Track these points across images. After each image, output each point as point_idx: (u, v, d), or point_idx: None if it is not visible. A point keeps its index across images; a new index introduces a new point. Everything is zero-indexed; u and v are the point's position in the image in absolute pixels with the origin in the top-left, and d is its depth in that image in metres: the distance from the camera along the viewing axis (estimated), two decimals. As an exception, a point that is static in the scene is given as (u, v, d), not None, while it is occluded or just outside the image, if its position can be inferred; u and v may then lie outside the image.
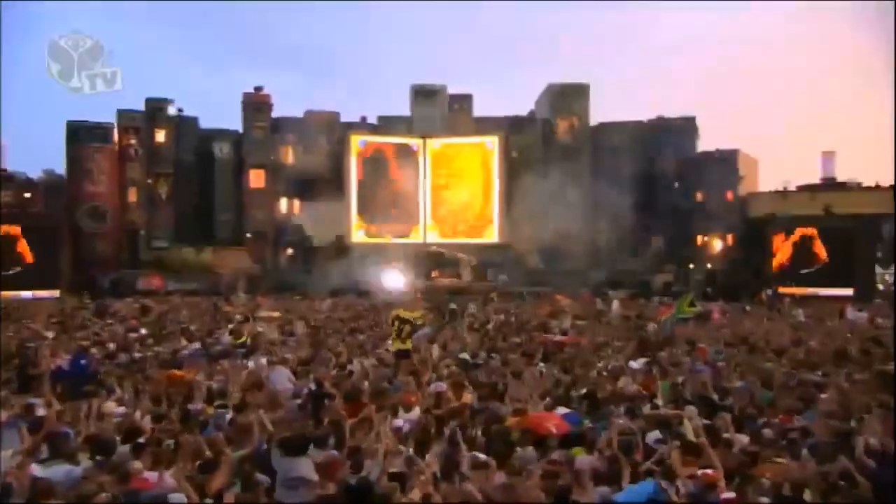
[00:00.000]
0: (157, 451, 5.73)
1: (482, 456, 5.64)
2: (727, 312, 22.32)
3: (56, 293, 37.07)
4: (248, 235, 47.16)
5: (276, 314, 20.85)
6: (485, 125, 49.02)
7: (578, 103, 48.88)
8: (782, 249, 39.93)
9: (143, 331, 16.06)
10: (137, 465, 5.27)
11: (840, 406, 8.12)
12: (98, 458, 5.38)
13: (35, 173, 50.29)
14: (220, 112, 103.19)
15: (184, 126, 48.98)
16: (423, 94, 49.76)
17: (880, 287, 41.00)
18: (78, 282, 40.56)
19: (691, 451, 5.89)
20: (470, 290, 37.14)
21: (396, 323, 10.44)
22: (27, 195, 48.20)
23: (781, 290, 36.15)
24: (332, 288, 37.28)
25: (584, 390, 8.57)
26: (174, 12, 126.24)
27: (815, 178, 45.63)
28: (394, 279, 37.70)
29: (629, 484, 5.23)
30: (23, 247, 40.43)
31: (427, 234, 48.00)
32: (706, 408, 8.02)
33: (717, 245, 45.73)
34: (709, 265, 44.71)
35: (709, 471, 5.08)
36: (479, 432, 6.80)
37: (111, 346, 13.48)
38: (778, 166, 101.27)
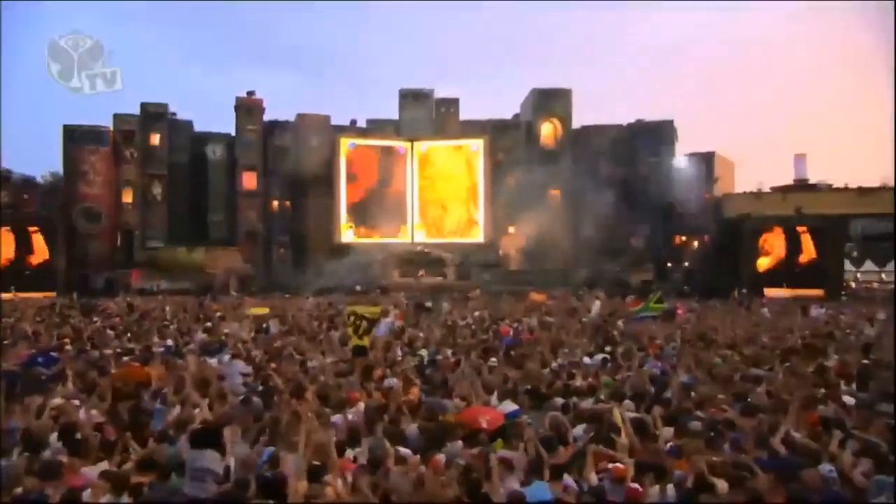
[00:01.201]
0: (91, 447, 5.70)
1: (404, 451, 5.63)
2: (694, 310, 22.33)
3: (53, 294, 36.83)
4: (241, 235, 46.92)
5: (265, 311, 20.79)
6: (470, 128, 49.02)
7: (561, 107, 48.91)
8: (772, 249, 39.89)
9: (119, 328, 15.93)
10: (68, 460, 5.23)
11: (771, 399, 8.19)
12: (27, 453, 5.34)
13: (33, 174, 50.09)
14: (214, 115, 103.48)
15: (178, 129, 48.71)
16: (412, 98, 49.74)
17: (853, 285, 41.24)
18: (73, 281, 40.32)
19: (609, 445, 5.91)
20: (453, 288, 37.22)
21: (352, 319, 10.27)
22: (25, 196, 47.89)
23: (767, 290, 36.09)
24: (321, 287, 37.17)
25: (528, 386, 8.60)
26: (169, 17, 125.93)
27: (789, 180, 45.75)
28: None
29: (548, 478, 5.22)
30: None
31: (415, 234, 47.94)
32: (643, 402, 8.09)
33: (694, 245, 45.82)
34: (686, 264, 44.78)
35: (619, 464, 5.07)
36: (416, 427, 6.79)
37: (90, 343, 13.49)
38: (755, 168, 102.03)
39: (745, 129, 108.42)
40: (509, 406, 7.49)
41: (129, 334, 15.18)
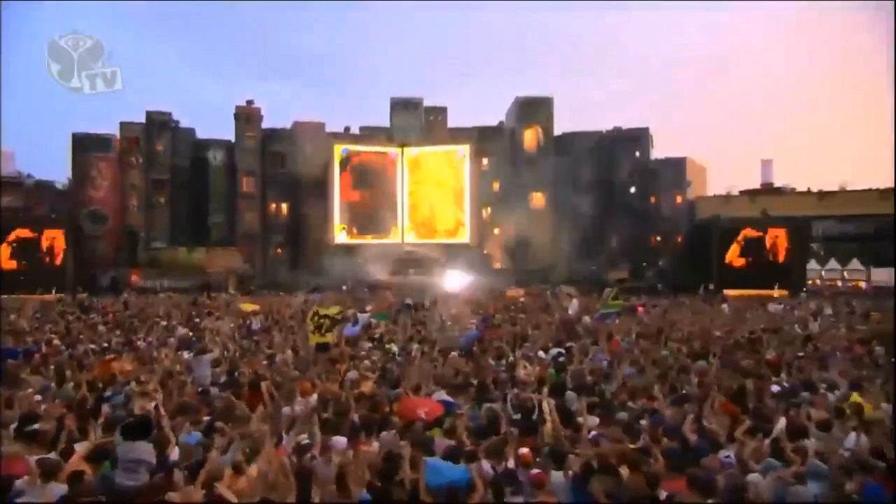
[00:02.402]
0: (46, 437, 5.74)
1: (337, 439, 5.70)
2: (654, 307, 22.42)
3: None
4: (240, 236, 46.90)
5: (255, 308, 20.78)
6: (458, 135, 49.01)
7: (543, 115, 48.95)
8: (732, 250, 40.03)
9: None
10: (13, 448, 5.27)
11: (702, 389, 8.29)
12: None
13: (52, 178, 50.14)
14: (215, 123, 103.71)
15: (181, 136, 48.64)
16: (402, 107, 49.74)
17: (818, 282, 41.44)
18: (80, 280, 40.20)
19: (528, 433, 6.00)
20: (440, 286, 37.15)
21: (315, 318, 10.32)
22: (34, 199, 47.81)
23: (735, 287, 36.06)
24: (314, 285, 37.18)
25: (475, 379, 8.67)
26: (174, 29, 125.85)
27: (757, 183, 45.96)
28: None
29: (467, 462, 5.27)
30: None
31: (405, 235, 47.97)
32: (581, 393, 8.18)
33: (667, 245, 46.00)
34: (660, 263, 44.93)
35: (525, 450, 5.16)
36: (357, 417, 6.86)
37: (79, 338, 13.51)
38: (725, 172, 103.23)
39: (716, 136, 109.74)
40: (446, 397, 7.58)
41: (118, 331, 15.23)
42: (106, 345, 12.47)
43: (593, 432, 6.30)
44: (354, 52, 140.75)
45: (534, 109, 48.82)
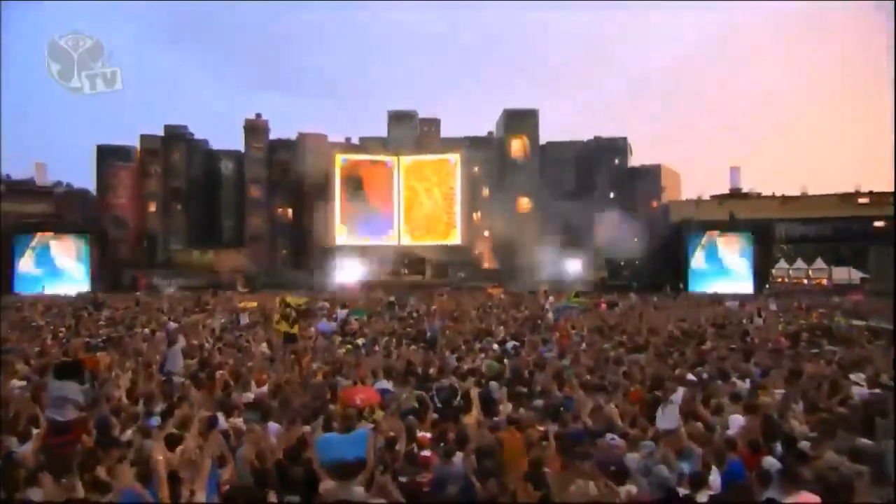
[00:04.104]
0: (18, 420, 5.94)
1: (271, 424, 5.86)
2: (617, 304, 22.53)
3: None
4: (248, 239, 47.18)
5: (253, 305, 20.97)
6: (450, 144, 49.13)
7: (529, 125, 49.08)
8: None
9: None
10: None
11: (626, 379, 8.45)
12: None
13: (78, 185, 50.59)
14: (226, 135, 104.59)
15: (195, 147, 49.07)
16: (398, 118, 49.93)
17: (785, 280, 41.37)
18: (104, 280, 40.48)
19: (449, 418, 6.16)
20: (429, 285, 37.37)
21: (283, 307, 10.34)
22: (65, 207, 48.24)
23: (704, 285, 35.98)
24: (314, 283, 37.38)
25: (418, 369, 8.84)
26: (189, 46, 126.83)
27: (726, 189, 45.95)
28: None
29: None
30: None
31: (401, 237, 48.12)
32: (515, 383, 8.32)
33: (643, 246, 45.95)
34: (636, 262, 44.89)
35: (425, 434, 5.33)
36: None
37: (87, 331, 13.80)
38: (698, 178, 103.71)
39: (689, 145, 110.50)
40: (386, 385, 7.75)
41: (119, 326, 15.46)
42: (105, 338, 12.73)
43: (496, 418, 6.44)
44: (355, 69, 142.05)
45: (520, 120, 48.97)
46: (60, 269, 39.86)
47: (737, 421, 6.23)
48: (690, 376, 8.52)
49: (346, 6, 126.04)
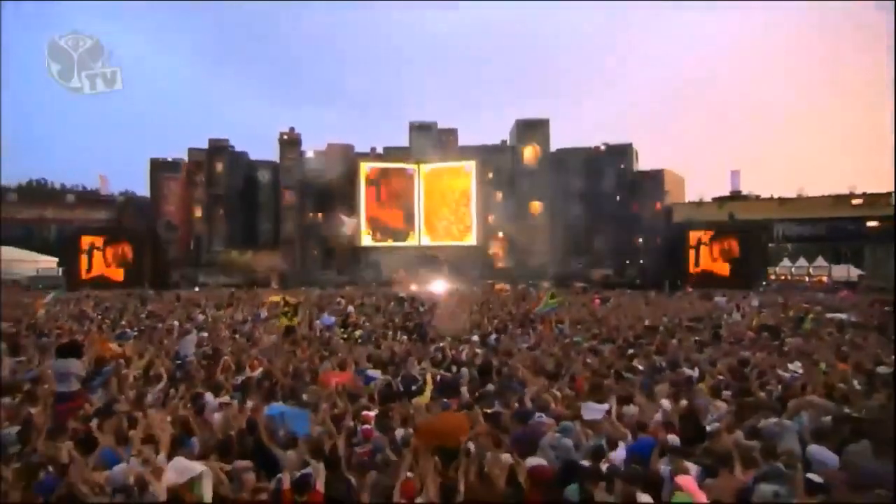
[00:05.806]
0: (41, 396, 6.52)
1: (253, 405, 6.28)
2: (609, 299, 22.43)
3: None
4: (282, 241, 48.33)
5: (279, 300, 21.60)
6: (466, 152, 49.37)
7: (540, 134, 48.95)
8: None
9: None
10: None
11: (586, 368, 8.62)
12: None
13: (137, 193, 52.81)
14: (263, 147, 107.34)
15: (236, 158, 50.47)
16: (419, 129, 50.35)
17: (788, 278, 40.32)
18: (157, 279, 41.95)
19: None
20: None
21: (283, 306, 10.94)
22: (124, 214, 50.39)
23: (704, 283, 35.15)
24: (340, 282, 38.07)
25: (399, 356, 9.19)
26: (231, 68, 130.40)
27: (727, 191, 45.05)
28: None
29: None
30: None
31: (421, 238, 48.59)
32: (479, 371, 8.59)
33: (647, 246, 45.47)
34: (641, 262, 44.47)
35: (369, 413, 5.69)
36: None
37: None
38: (700, 181, 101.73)
39: (693, 150, 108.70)
40: (371, 372, 8.13)
41: (156, 318, 16.23)
42: (140, 329, 13.45)
43: (445, 400, 6.70)
44: (379, 84, 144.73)
45: (532, 129, 48.90)
46: (118, 268, 41.46)
47: (666, 405, 6.42)
48: (639, 365, 8.66)
49: (372, 31, 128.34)
